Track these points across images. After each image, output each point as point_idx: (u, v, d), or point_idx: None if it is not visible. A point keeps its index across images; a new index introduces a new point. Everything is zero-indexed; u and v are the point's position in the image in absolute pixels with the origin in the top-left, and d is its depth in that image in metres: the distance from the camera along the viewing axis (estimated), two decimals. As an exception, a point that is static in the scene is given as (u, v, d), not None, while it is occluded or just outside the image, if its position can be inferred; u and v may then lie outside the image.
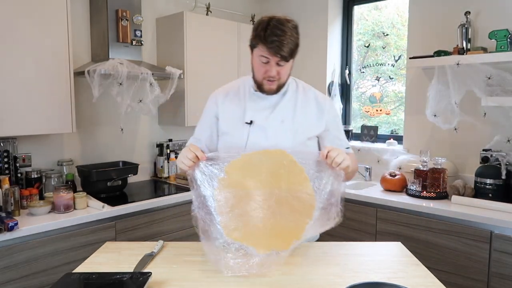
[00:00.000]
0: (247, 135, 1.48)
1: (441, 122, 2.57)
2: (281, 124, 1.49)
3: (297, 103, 1.53)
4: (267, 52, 1.37)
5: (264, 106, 1.51)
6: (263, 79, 1.44)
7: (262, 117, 1.50)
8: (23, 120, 2.10)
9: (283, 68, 1.42)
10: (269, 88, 1.46)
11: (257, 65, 1.44)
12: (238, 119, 1.52)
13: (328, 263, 1.41)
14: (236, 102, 1.55)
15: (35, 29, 2.11)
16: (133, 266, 1.36)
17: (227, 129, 1.54)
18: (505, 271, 2.03)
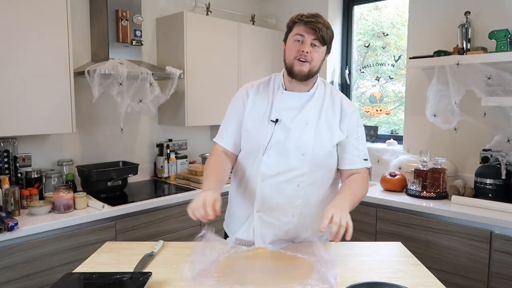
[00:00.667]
0: (271, 133, 1.48)
1: (441, 122, 2.57)
2: (306, 126, 1.48)
3: (323, 107, 1.52)
4: (303, 29, 1.43)
5: (291, 106, 1.50)
6: (295, 59, 1.44)
7: (288, 117, 1.49)
8: (23, 120, 2.10)
9: (317, 52, 1.44)
10: (300, 69, 1.44)
11: (291, 45, 1.46)
12: (263, 116, 1.51)
13: (328, 263, 1.40)
14: (264, 98, 1.54)
15: (35, 29, 2.11)
16: (133, 266, 1.36)
17: (251, 126, 1.53)
18: (505, 271, 2.03)
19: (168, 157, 2.99)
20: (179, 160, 3.04)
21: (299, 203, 1.50)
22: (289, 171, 1.48)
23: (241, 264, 1.37)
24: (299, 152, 1.47)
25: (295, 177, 1.48)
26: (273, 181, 1.49)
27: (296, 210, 1.51)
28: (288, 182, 1.48)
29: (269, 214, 1.51)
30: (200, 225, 2.64)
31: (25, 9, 2.07)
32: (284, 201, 1.50)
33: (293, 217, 1.51)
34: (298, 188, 1.49)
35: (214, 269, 1.31)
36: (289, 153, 1.47)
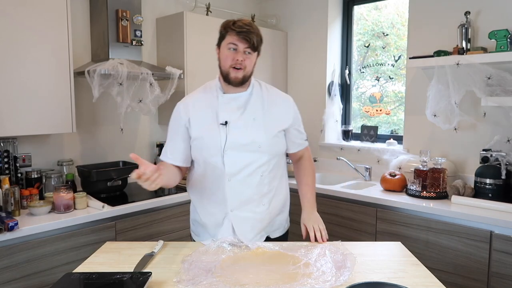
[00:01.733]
0: (225, 134, 1.56)
1: (441, 122, 2.57)
2: (254, 122, 1.59)
3: (264, 101, 1.64)
4: (236, 39, 1.51)
5: (235, 107, 1.60)
6: (230, 67, 1.54)
7: (235, 117, 1.58)
8: (23, 120, 2.11)
9: (249, 58, 1.55)
10: (235, 76, 1.55)
11: (225, 54, 1.55)
12: (211, 121, 1.59)
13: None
14: (206, 107, 1.62)
15: (35, 29, 2.11)
16: (133, 266, 1.36)
17: (201, 133, 1.59)
18: (505, 271, 2.03)
19: (168, 157, 2.99)
20: (179, 160, 3.04)
21: (266, 190, 1.63)
22: (250, 164, 1.58)
23: (241, 264, 1.37)
24: (255, 145, 1.57)
25: (257, 168, 1.59)
26: (239, 177, 1.58)
27: (265, 198, 1.62)
28: (252, 175, 1.59)
29: (243, 209, 1.60)
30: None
31: (25, 9, 2.07)
32: (254, 193, 1.61)
33: (264, 205, 1.62)
34: (262, 177, 1.61)
35: (214, 269, 1.32)
36: (247, 149, 1.57)
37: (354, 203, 2.60)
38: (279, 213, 1.71)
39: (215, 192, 1.62)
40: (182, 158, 1.65)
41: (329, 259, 1.37)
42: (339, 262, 1.34)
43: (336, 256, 1.39)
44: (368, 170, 3.03)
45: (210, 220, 1.66)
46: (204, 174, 1.64)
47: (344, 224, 2.66)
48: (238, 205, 1.60)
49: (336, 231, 2.70)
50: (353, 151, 3.23)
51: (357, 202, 2.59)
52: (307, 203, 1.72)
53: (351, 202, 2.61)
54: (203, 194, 1.68)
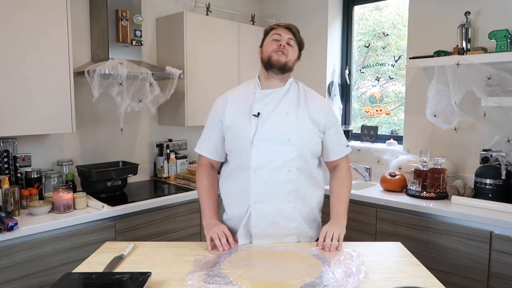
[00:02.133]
0: (255, 126, 1.56)
1: (441, 122, 2.57)
2: (286, 116, 1.58)
3: (300, 100, 1.63)
4: (280, 30, 1.60)
5: (270, 101, 1.61)
6: (272, 51, 1.59)
7: (268, 110, 1.59)
8: (23, 120, 2.10)
9: (292, 49, 1.61)
10: (277, 59, 1.58)
11: (269, 44, 1.62)
12: (244, 113, 1.60)
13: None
14: (242, 101, 1.64)
15: (35, 29, 2.11)
16: (134, 266, 1.36)
17: (234, 123, 1.61)
18: (505, 271, 2.03)
19: (168, 157, 2.99)
20: (179, 160, 3.04)
21: (292, 187, 1.58)
22: (278, 158, 1.56)
23: (250, 260, 1.38)
24: (284, 138, 1.55)
25: (284, 163, 1.56)
26: (265, 170, 1.56)
27: (290, 195, 1.58)
28: (279, 169, 1.56)
29: (266, 204, 1.58)
30: (200, 225, 2.64)
31: (25, 9, 2.07)
32: (278, 188, 1.57)
33: (289, 203, 1.59)
34: (289, 173, 1.57)
35: (223, 262, 1.35)
36: (276, 141, 1.56)
37: (354, 203, 2.60)
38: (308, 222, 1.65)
39: (241, 183, 1.61)
40: (213, 151, 1.69)
41: (342, 264, 1.36)
42: (350, 269, 1.32)
43: (351, 263, 1.37)
44: (368, 170, 3.03)
45: (234, 212, 1.65)
46: (234, 165, 1.64)
47: (344, 224, 2.66)
48: (262, 198, 1.57)
49: (336, 231, 2.70)
50: (353, 151, 3.22)
51: (357, 202, 2.58)
52: (335, 214, 1.63)
53: (351, 202, 2.58)
54: (231, 186, 1.67)
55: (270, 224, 1.58)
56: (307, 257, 1.41)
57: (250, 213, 1.57)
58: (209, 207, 1.66)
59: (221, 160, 1.73)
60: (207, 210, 1.65)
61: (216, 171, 1.76)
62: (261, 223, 1.58)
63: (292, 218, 1.60)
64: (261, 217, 1.57)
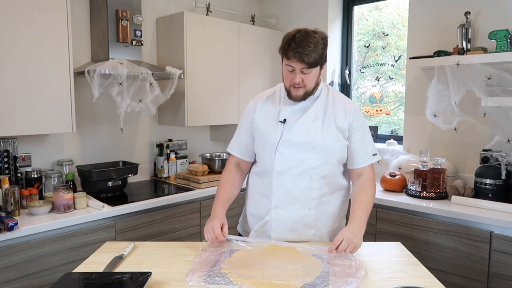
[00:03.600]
0: (281, 132, 1.57)
1: (441, 122, 2.56)
2: (313, 123, 1.58)
3: (328, 106, 1.61)
4: (292, 60, 1.49)
5: (297, 109, 1.61)
6: (290, 86, 1.56)
7: (295, 116, 1.59)
8: (23, 120, 2.10)
9: (308, 76, 1.52)
10: (296, 94, 1.56)
11: (285, 73, 1.56)
12: (272, 118, 1.62)
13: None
14: (272, 105, 1.66)
15: (35, 29, 2.11)
16: (134, 266, 1.36)
17: (262, 127, 1.64)
18: (505, 271, 2.03)
19: (168, 157, 2.99)
20: (179, 160, 3.04)
21: (314, 195, 1.58)
22: (301, 165, 1.56)
23: (250, 259, 1.38)
24: (309, 146, 1.56)
25: (307, 170, 1.56)
26: (287, 176, 1.57)
27: (312, 203, 1.58)
28: (301, 176, 1.56)
29: (287, 209, 1.58)
30: (200, 225, 2.64)
31: (25, 9, 2.07)
32: (300, 195, 1.57)
33: (310, 210, 1.58)
34: (312, 181, 1.57)
35: (223, 261, 1.36)
36: (300, 148, 1.56)
37: (354, 203, 2.60)
38: (329, 228, 1.63)
39: (264, 185, 1.63)
40: (244, 151, 1.71)
41: (342, 264, 1.35)
42: (350, 269, 1.32)
43: (352, 264, 1.36)
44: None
45: (254, 210, 1.68)
46: (259, 166, 1.67)
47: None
48: (283, 203, 1.58)
49: (336, 231, 2.70)
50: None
51: (357, 202, 2.58)
52: (354, 218, 1.51)
53: (351, 202, 2.61)
54: (255, 185, 1.70)
55: (289, 229, 1.59)
56: (307, 257, 1.41)
57: (271, 216, 1.59)
58: (217, 200, 1.66)
59: (251, 160, 1.74)
60: (215, 202, 1.66)
61: (243, 172, 1.76)
62: (280, 228, 1.59)
63: (311, 225, 1.60)
64: (280, 222, 1.59)
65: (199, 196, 2.63)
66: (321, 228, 1.61)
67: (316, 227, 1.60)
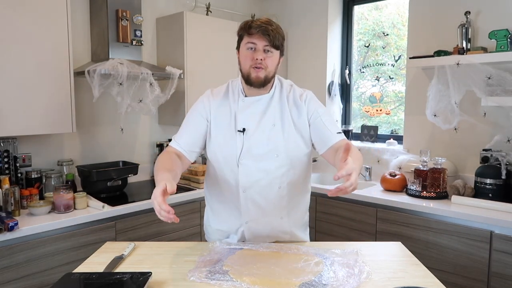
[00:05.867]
0: (242, 143, 1.47)
1: (441, 122, 2.56)
2: (273, 128, 1.49)
3: (284, 105, 1.52)
4: (254, 37, 1.41)
5: (254, 112, 1.50)
6: (250, 67, 1.44)
7: (254, 123, 1.49)
8: (23, 120, 2.10)
9: (270, 57, 1.44)
10: (256, 76, 1.44)
11: (244, 55, 1.46)
12: (228, 127, 1.50)
13: (328, 263, 1.40)
14: (226, 108, 1.53)
15: (35, 29, 2.11)
16: (134, 266, 1.36)
17: (218, 139, 1.51)
18: (505, 271, 2.03)
19: (168, 157, 2.98)
20: (179, 160, 3.03)
21: (284, 203, 1.53)
22: (267, 175, 1.48)
23: (251, 258, 1.39)
24: (272, 155, 1.47)
25: (274, 179, 1.49)
26: (255, 189, 1.49)
27: (283, 211, 1.54)
28: (269, 186, 1.49)
29: (260, 222, 1.53)
30: (200, 225, 2.64)
31: (25, 9, 2.07)
32: (270, 205, 1.51)
33: (282, 219, 1.55)
34: (280, 189, 1.50)
35: (225, 260, 1.36)
36: (264, 158, 1.47)
37: (354, 203, 2.60)
38: (300, 227, 1.63)
39: (229, 201, 1.55)
40: (190, 149, 1.54)
41: (344, 263, 1.35)
42: (352, 269, 1.31)
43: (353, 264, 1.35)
44: (368, 170, 3.03)
45: (224, 227, 1.60)
46: (220, 180, 1.55)
47: (344, 224, 2.66)
48: (254, 217, 1.52)
49: (336, 231, 2.70)
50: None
51: (357, 202, 2.58)
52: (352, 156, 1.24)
53: (351, 202, 2.61)
54: (219, 200, 1.60)
55: (264, 238, 1.56)
56: (309, 256, 1.41)
57: (243, 231, 1.55)
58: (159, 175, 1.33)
59: (191, 161, 1.57)
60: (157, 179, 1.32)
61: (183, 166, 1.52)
62: (255, 237, 1.56)
63: (286, 231, 1.58)
64: (254, 234, 1.55)
65: (199, 196, 2.63)
66: (294, 230, 1.60)
67: (290, 231, 1.59)
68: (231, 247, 1.49)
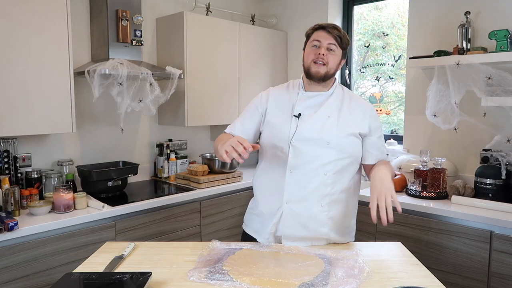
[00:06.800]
0: (296, 126, 1.55)
1: (441, 122, 2.56)
2: (327, 119, 1.56)
3: (343, 104, 1.61)
4: (320, 35, 1.55)
5: (312, 104, 1.60)
6: (311, 61, 1.55)
7: (310, 112, 1.58)
8: (23, 120, 2.10)
9: (332, 55, 1.55)
10: (317, 71, 1.54)
11: (309, 51, 1.58)
12: (286, 112, 1.60)
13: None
14: (285, 98, 1.64)
15: (35, 29, 2.11)
16: (134, 266, 1.36)
17: (275, 120, 1.61)
18: (505, 271, 2.03)
19: (168, 157, 2.99)
20: (179, 160, 3.04)
21: (327, 191, 1.56)
22: (315, 160, 1.54)
23: (251, 257, 1.39)
24: (323, 142, 1.54)
25: (321, 166, 1.54)
26: (301, 171, 1.55)
27: (325, 200, 1.56)
28: (315, 171, 1.54)
29: (299, 205, 1.56)
30: (200, 225, 2.64)
31: (25, 9, 2.07)
32: (313, 190, 1.55)
33: (323, 207, 1.56)
34: (325, 177, 1.55)
35: (225, 259, 1.36)
36: (314, 144, 1.54)
37: (354, 203, 2.60)
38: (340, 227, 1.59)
39: (276, 181, 1.59)
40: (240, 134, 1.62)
41: (344, 263, 1.35)
42: (352, 269, 1.31)
43: (354, 264, 1.36)
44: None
45: (265, 209, 1.62)
46: (270, 162, 1.63)
47: (344, 224, 2.66)
48: (295, 199, 1.55)
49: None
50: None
51: (357, 202, 2.58)
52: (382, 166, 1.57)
53: (351, 202, 2.61)
54: (266, 181, 1.65)
55: (301, 226, 1.55)
56: (309, 256, 1.41)
57: (282, 212, 1.56)
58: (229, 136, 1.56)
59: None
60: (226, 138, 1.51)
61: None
62: (292, 223, 1.55)
63: (324, 223, 1.56)
64: (292, 217, 1.55)
65: (199, 196, 2.63)
66: (333, 227, 1.57)
67: (329, 225, 1.56)
68: (231, 247, 1.49)
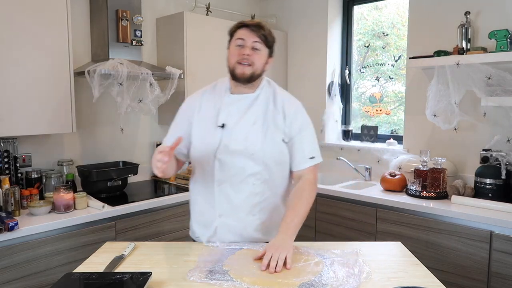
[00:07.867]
0: (220, 138, 1.51)
1: (441, 122, 2.57)
2: (252, 127, 1.51)
3: (268, 107, 1.55)
4: (244, 33, 1.47)
5: (237, 109, 1.54)
6: (236, 63, 1.48)
7: (234, 119, 1.52)
8: (23, 120, 2.10)
9: (258, 54, 1.48)
10: (242, 72, 1.48)
11: (232, 51, 1.50)
12: (211, 121, 1.54)
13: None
14: (211, 103, 1.58)
15: (35, 29, 2.11)
16: (134, 266, 1.36)
17: (199, 134, 1.56)
18: (505, 271, 2.03)
19: (168, 157, 2.99)
20: (179, 160, 3.03)
21: (257, 200, 1.54)
22: (242, 171, 1.51)
23: (251, 257, 1.39)
24: (248, 153, 1.50)
25: (249, 176, 1.51)
26: (229, 184, 1.52)
27: (256, 208, 1.54)
28: (243, 183, 1.52)
29: (231, 217, 1.54)
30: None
31: (25, 9, 2.07)
32: (243, 202, 1.53)
33: (254, 216, 1.55)
34: (254, 186, 1.52)
35: (225, 260, 1.36)
36: (240, 155, 1.50)
37: (354, 203, 2.60)
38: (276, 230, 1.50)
39: (206, 195, 1.57)
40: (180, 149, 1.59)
41: (344, 263, 1.35)
42: (352, 269, 1.31)
43: (354, 264, 1.36)
44: (368, 170, 3.03)
45: (201, 219, 1.61)
46: (199, 175, 1.60)
47: (344, 224, 2.66)
48: (227, 212, 1.53)
49: (336, 231, 2.70)
50: (353, 151, 3.24)
51: (357, 202, 2.59)
52: (283, 228, 1.43)
53: (351, 202, 2.61)
54: (198, 193, 1.63)
55: (236, 235, 1.55)
56: (309, 256, 1.41)
57: (216, 226, 1.55)
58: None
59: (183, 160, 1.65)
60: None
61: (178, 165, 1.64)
62: (227, 235, 1.55)
63: (257, 228, 1.55)
64: (227, 229, 1.54)
65: (199, 196, 2.63)
66: (267, 231, 1.56)
67: (262, 230, 1.56)
68: (231, 247, 1.49)
